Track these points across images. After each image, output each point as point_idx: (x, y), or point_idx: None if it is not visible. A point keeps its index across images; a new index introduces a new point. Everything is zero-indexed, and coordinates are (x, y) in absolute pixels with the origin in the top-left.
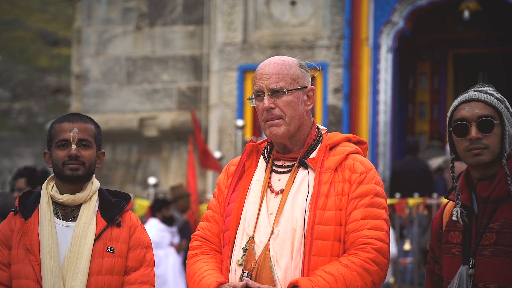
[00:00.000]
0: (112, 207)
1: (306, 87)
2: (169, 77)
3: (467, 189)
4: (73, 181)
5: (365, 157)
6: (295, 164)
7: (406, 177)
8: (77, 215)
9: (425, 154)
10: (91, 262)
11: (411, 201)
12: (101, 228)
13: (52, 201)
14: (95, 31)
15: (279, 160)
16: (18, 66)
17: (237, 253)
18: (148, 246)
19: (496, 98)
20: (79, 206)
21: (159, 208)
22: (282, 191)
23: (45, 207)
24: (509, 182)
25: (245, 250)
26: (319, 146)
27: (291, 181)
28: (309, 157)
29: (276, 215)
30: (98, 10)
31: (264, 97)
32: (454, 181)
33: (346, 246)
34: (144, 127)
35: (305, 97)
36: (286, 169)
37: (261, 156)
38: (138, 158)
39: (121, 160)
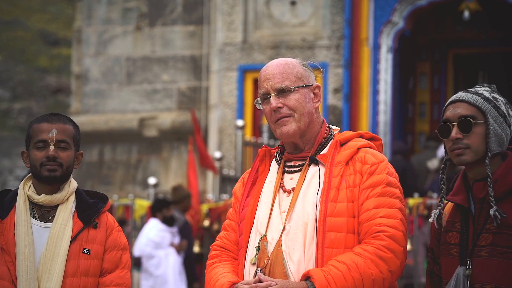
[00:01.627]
0: (89, 208)
1: (311, 85)
2: (169, 77)
3: (465, 189)
4: (50, 182)
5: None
6: (306, 162)
7: None
8: (54, 216)
9: (423, 155)
10: (67, 263)
11: (411, 201)
12: (77, 230)
13: (29, 201)
14: (95, 31)
15: (290, 161)
16: (18, 66)
17: (251, 253)
18: (124, 248)
19: (485, 98)
20: (56, 206)
21: (160, 208)
22: (293, 189)
23: (21, 207)
24: (488, 183)
25: (258, 249)
26: (330, 143)
27: (302, 178)
28: (320, 154)
29: (287, 212)
30: (98, 10)
31: (271, 98)
32: (442, 182)
33: (361, 237)
34: (144, 127)
35: (312, 95)
36: (297, 168)
37: (273, 160)
38: (138, 158)
39: (121, 160)
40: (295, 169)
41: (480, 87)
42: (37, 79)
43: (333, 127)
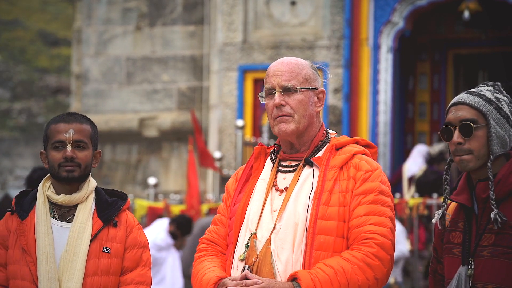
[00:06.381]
0: (109, 207)
1: (317, 89)
2: (169, 77)
3: (468, 189)
4: (69, 182)
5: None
6: (301, 163)
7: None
8: (74, 215)
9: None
10: (87, 262)
11: (411, 201)
12: (97, 229)
13: (49, 201)
14: (95, 31)
15: (285, 160)
16: (18, 66)
17: (240, 249)
18: (144, 246)
19: (487, 99)
20: (75, 206)
21: (182, 231)
22: (286, 189)
23: (41, 207)
24: (490, 186)
25: (247, 246)
26: (325, 146)
27: (296, 179)
28: (315, 156)
29: (279, 211)
30: (98, 10)
31: (275, 94)
32: (446, 183)
33: (349, 242)
34: (144, 127)
35: (316, 99)
36: (291, 168)
37: (268, 158)
38: (138, 158)
39: (121, 160)
40: (289, 169)
41: (484, 86)
42: (37, 79)
43: (330, 131)
